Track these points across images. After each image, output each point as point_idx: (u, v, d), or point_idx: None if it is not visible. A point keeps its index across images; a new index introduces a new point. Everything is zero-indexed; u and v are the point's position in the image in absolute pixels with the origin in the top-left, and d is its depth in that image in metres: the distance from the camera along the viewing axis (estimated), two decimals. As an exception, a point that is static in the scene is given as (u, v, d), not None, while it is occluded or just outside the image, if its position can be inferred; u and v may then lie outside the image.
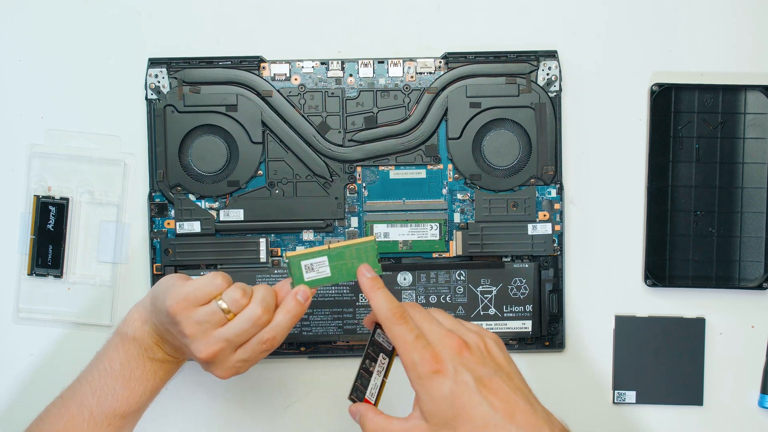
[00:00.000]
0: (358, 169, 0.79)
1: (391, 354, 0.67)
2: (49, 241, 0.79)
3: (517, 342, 0.80)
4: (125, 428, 0.70)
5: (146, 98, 0.78)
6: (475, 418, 0.59)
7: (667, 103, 0.79)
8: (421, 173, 0.79)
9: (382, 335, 0.67)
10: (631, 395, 0.80)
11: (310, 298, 0.67)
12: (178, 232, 0.78)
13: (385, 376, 0.67)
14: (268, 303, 0.65)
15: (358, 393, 0.65)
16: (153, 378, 0.69)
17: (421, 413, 0.61)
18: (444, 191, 0.79)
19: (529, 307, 0.79)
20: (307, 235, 0.79)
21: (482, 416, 0.59)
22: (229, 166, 0.79)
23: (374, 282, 0.65)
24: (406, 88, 0.79)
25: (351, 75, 0.79)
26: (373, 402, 0.66)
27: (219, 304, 0.64)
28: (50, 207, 0.79)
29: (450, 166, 0.79)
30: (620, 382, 0.80)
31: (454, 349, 0.61)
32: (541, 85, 0.79)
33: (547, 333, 0.79)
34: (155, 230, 0.78)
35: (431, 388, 0.60)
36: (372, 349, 0.66)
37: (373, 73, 0.79)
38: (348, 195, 0.79)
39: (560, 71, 0.79)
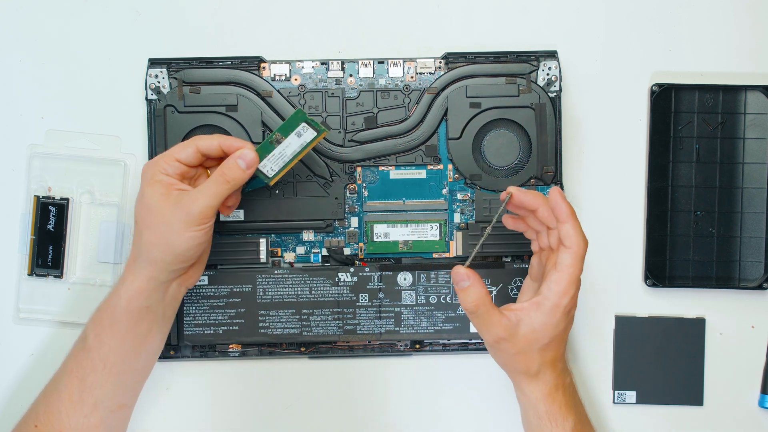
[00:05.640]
0: (358, 169, 0.79)
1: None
2: (49, 241, 0.79)
3: (517, 342, 0.80)
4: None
5: (146, 98, 0.78)
6: (551, 355, 0.69)
7: (667, 103, 0.79)
8: (421, 173, 0.79)
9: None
10: (631, 395, 0.80)
11: (254, 167, 0.69)
12: (178, 232, 0.78)
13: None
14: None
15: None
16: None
17: (526, 321, 0.67)
18: (444, 191, 0.79)
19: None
20: (308, 235, 0.79)
21: (555, 357, 0.69)
22: (229, 166, 0.79)
23: (572, 209, 0.68)
24: (406, 88, 0.79)
25: (351, 75, 0.79)
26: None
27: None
28: (50, 207, 0.79)
29: (450, 166, 0.79)
30: (620, 382, 0.80)
31: (576, 294, 0.68)
32: (541, 85, 0.79)
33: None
34: (155, 230, 0.78)
35: (555, 319, 0.67)
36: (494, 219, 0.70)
37: (373, 73, 0.79)
38: (348, 195, 0.79)
39: (560, 71, 0.79)
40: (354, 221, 0.79)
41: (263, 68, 0.78)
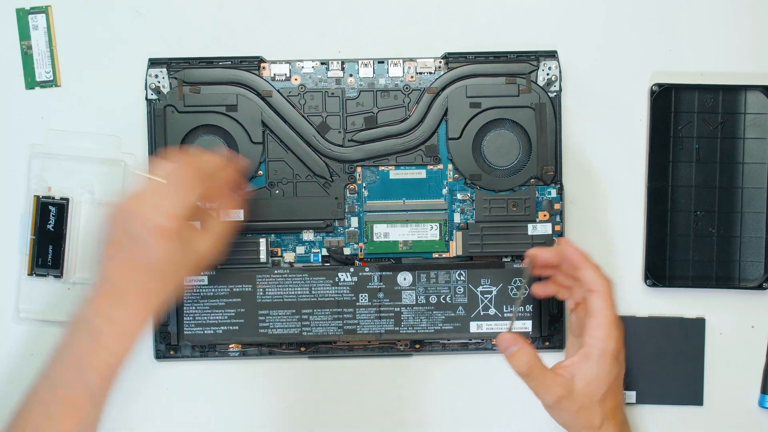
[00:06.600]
0: (358, 169, 0.79)
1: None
2: (49, 241, 0.79)
3: (517, 342, 0.80)
4: None
5: (146, 98, 0.78)
6: (611, 405, 0.67)
7: (667, 103, 0.79)
8: (421, 173, 0.79)
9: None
10: (631, 395, 0.80)
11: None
12: (178, 232, 0.78)
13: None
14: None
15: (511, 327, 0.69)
16: None
17: (579, 375, 0.66)
18: (444, 191, 0.79)
19: (529, 307, 0.79)
20: (307, 235, 0.79)
21: (615, 407, 0.68)
22: (229, 166, 0.79)
23: (583, 254, 0.69)
24: (406, 88, 0.79)
25: (351, 75, 0.79)
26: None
27: None
28: (50, 207, 0.79)
29: (450, 166, 0.79)
30: (620, 382, 0.80)
31: (621, 337, 0.68)
32: (541, 85, 0.79)
33: (548, 333, 0.79)
34: (155, 230, 0.78)
35: (607, 366, 0.66)
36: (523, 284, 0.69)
37: (373, 73, 0.79)
38: (348, 195, 0.79)
39: (560, 71, 0.79)
40: (354, 221, 0.79)
41: (263, 68, 0.78)
